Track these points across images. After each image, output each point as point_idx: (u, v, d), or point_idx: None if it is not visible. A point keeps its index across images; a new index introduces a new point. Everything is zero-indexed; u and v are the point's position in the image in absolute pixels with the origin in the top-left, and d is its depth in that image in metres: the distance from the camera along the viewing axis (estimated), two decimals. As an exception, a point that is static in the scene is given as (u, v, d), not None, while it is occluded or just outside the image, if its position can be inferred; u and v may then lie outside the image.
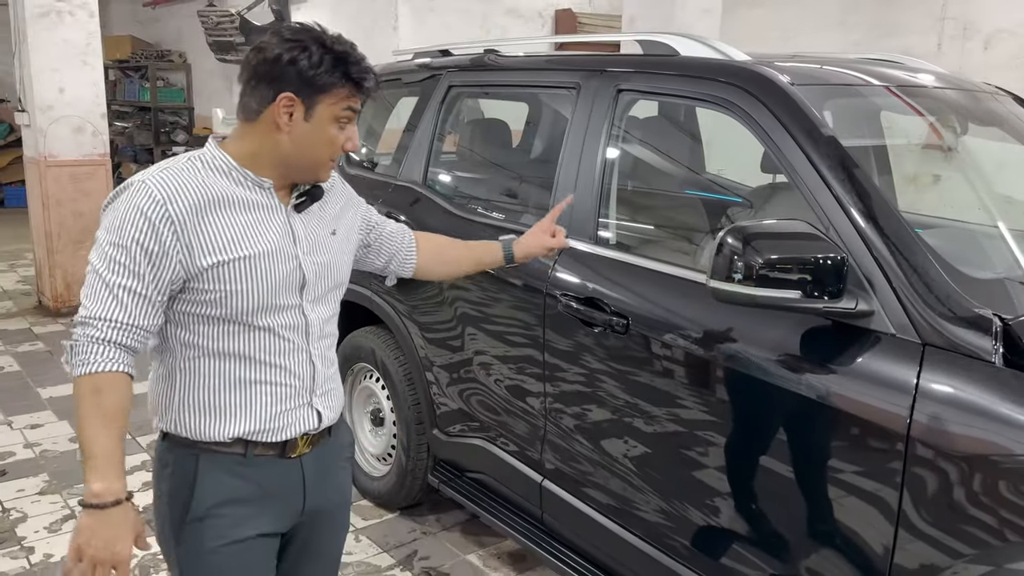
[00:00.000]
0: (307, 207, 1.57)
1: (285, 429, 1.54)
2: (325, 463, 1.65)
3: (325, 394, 1.61)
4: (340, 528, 1.76)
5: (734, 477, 1.98)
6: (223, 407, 1.50)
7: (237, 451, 1.51)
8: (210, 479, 1.50)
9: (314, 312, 1.57)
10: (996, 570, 1.54)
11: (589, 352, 2.25)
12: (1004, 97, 2.60)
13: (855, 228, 1.79)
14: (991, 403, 1.54)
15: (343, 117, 1.48)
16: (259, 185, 1.50)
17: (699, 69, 2.18)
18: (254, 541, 1.55)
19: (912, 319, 1.67)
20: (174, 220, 1.41)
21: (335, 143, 1.50)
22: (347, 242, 1.69)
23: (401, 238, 1.92)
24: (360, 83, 1.47)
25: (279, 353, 1.52)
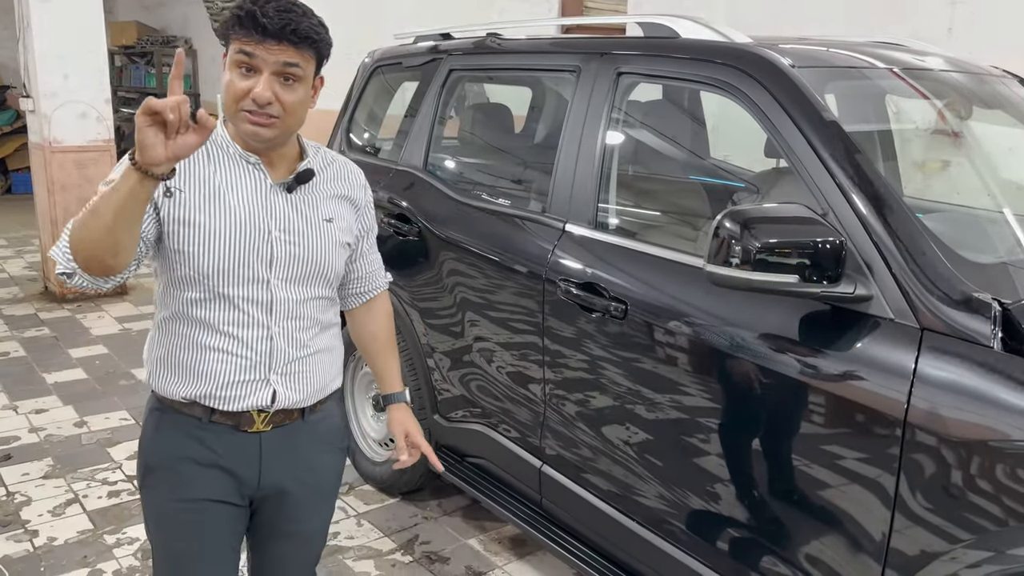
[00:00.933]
0: (296, 188, 1.58)
1: (236, 400, 1.56)
2: (294, 443, 1.64)
3: (289, 374, 1.59)
4: (313, 511, 1.73)
5: (732, 462, 1.97)
6: (180, 367, 1.56)
7: (196, 414, 1.57)
8: (168, 434, 1.59)
9: (284, 292, 1.56)
10: (997, 555, 1.53)
11: (588, 337, 2.24)
12: (1011, 80, 2.56)
13: (854, 212, 1.77)
14: (989, 388, 1.53)
15: (239, 62, 1.45)
16: (246, 160, 1.55)
17: (699, 51, 2.15)
18: (206, 504, 1.59)
19: (911, 304, 1.66)
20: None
21: (230, 88, 1.47)
22: (342, 233, 1.65)
23: (372, 277, 1.83)
24: (244, 23, 1.43)
25: (236, 324, 1.54)
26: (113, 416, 4.03)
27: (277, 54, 1.45)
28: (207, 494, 1.59)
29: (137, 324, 5.49)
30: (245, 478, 1.61)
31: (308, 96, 1.53)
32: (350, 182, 1.70)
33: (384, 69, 3.43)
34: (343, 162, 1.72)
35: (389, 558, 2.90)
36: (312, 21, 1.49)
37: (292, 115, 1.50)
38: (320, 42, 1.50)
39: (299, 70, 1.48)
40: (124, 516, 3.12)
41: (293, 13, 1.45)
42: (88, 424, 3.94)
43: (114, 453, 3.64)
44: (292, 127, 1.53)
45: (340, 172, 1.69)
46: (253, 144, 1.53)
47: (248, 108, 1.46)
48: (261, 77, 1.45)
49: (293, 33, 1.45)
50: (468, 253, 2.64)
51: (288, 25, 1.44)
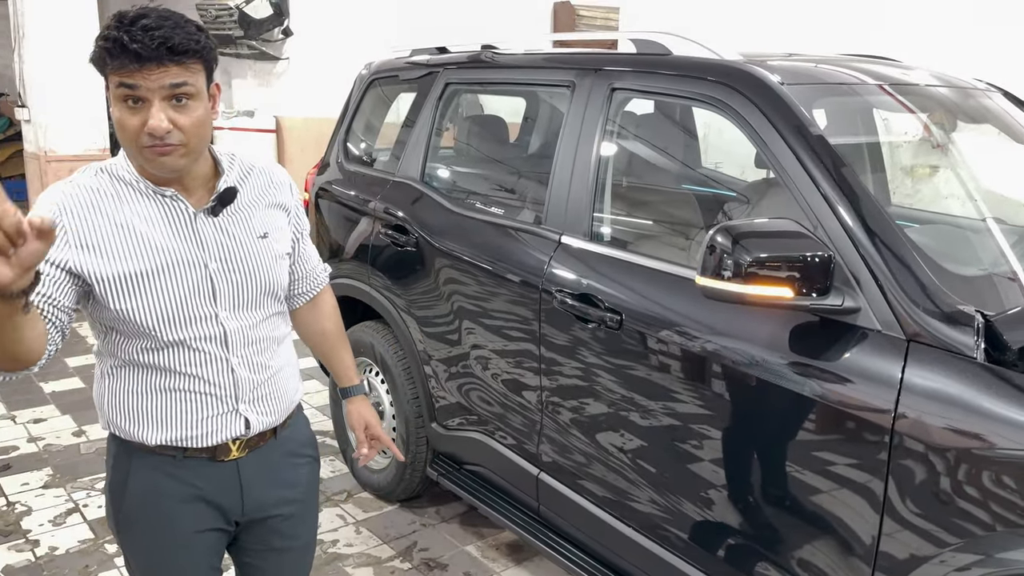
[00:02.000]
0: (219, 212, 1.49)
1: (210, 435, 1.52)
2: (270, 463, 1.62)
3: (257, 400, 1.56)
4: (301, 525, 1.72)
5: (725, 469, 2.02)
6: (146, 415, 1.49)
7: (168, 453, 1.52)
8: (143, 476, 1.53)
9: (235, 321, 1.51)
10: (986, 559, 1.58)
11: (584, 347, 2.29)
12: (994, 92, 2.62)
13: (842, 226, 1.82)
14: (972, 397, 1.58)
15: (123, 96, 1.34)
16: (161, 195, 1.46)
17: (690, 68, 2.21)
18: (192, 536, 1.56)
19: (897, 315, 1.71)
20: (68, 231, 1.39)
21: (123, 126, 1.36)
22: (280, 244, 1.59)
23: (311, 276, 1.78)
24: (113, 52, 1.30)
25: (195, 364, 1.49)
26: (111, 425, 4.05)
27: (160, 77, 1.33)
28: (192, 527, 1.56)
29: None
30: (229, 506, 1.59)
31: (207, 110, 1.42)
32: (275, 186, 1.61)
33: (381, 81, 3.47)
34: (262, 167, 1.62)
35: (388, 565, 2.93)
36: (188, 30, 1.35)
37: (196, 136, 1.40)
38: (203, 50, 1.38)
39: (190, 87, 1.36)
40: (125, 525, 3.15)
41: (164, 28, 1.32)
42: (87, 433, 3.96)
43: (113, 462, 3.67)
44: (200, 147, 1.44)
45: (262, 178, 1.60)
46: (165, 176, 1.44)
47: (147, 143, 1.36)
48: (151, 107, 1.34)
49: (171, 51, 1.32)
50: (466, 264, 2.69)
51: (163, 43, 1.31)
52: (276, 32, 8.63)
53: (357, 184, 3.35)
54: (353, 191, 3.33)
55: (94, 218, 1.42)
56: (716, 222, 2.56)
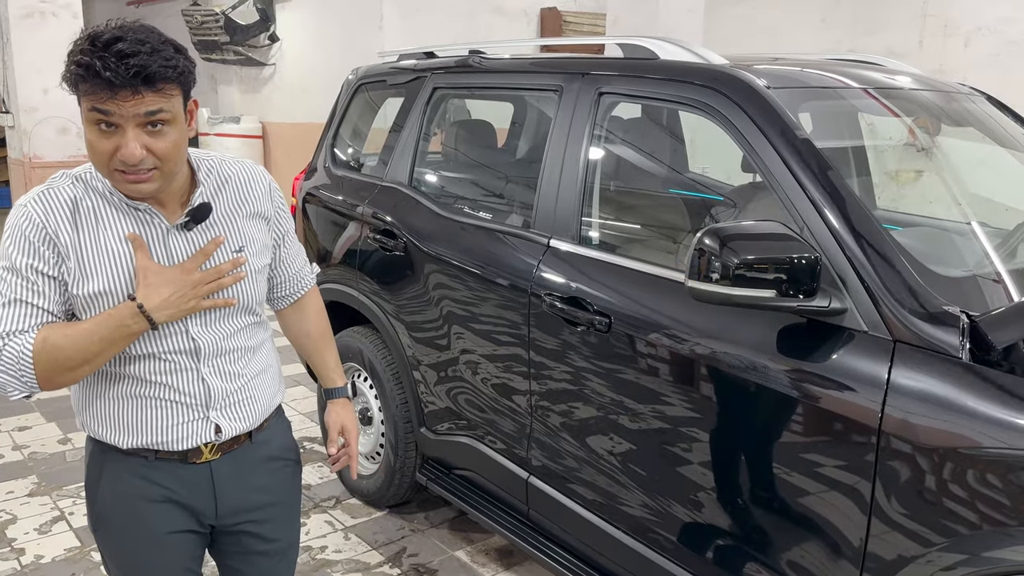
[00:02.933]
0: (192, 227, 1.47)
1: (180, 441, 1.52)
2: (245, 466, 1.61)
3: (229, 406, 1.55)
4: (280, 528, 1.71)
5: (714, 472, 2.02)
6: (117, 420, 1.50)
7: (141, 455, 1.52)
8: (115, 478, 1.54)
9: (207, 335, 1.50)
10: (972, 558, 1.59)
11: (573, 351, 2.29)
12: (978, 97, 2.65)
13: (828, 228, 1.84)
14: (958, 397, 1.59)
15: (95, 120, 1.30)
16: (135, 208, 1.44)
17: (677, 72, 2.22)
18: (164, 537, 1.56)
19: (883, 316, 1.72)
20: (55, 243, 1.40)
21: (94, 150, 1.33)
22: (257, 258, 1.56)
23: (297, 279, 1.77)
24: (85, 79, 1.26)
25: (164, 373, 1.48)
26: (97, 432, 4.02)
27: (135, 106, 1.28)
28: (165, 528, 1.56)
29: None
30: (202, 509, 1.58)
31: (184, 132, 1.39)
32: (255, 195, 1.57)
33: (368, 86, 3.47)
34: (240, 173, 1.57)
35: (377, 571, 2.92)
36: (165, 55, 1.30)
37: (171, 160, 1.37)
38: (182, 74, 1.34)
39: (166, 114, 1.32)
40: (111, 533, 3.12)
41: (140, 55, 1.26)
42: (72, 441, 3.93)
43: (99, 470, 3.64)
44: (174, 170, 1.40)
45: (241, 187, 1.56)
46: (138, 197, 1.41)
47: (118, 167, 1.33)
48: (125, 133, 1.30)
49: (146, 81, 1.27)
50: (455, 268, 2.69)
51: (139, 73, 1.26)
52: (262, 38, 8.63)
53: (345, 189, 3.34)
54: (341, 196, 3.33)
55: (73, 230, 1.41)
56: (703, 226, 2.58)
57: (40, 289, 1.40)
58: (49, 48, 5.72)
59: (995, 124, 2.54)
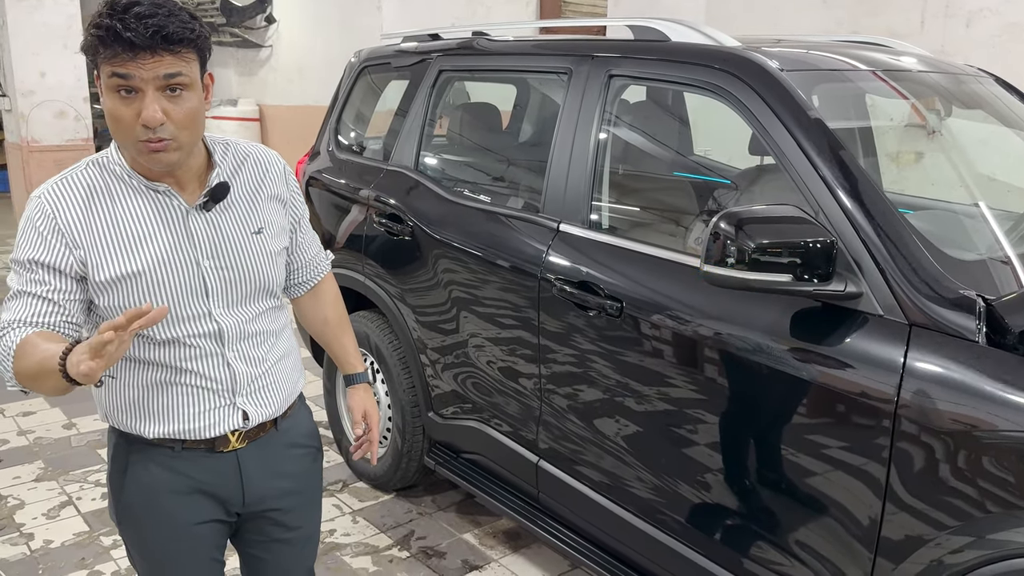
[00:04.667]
0: (212, 207, 1.48)
1: (208, 428, 1.51)
2: (271, 454, 1.62)
3: (254, 392, 1.55)
4: (303, 516, 1.72)
5: (727, 455, 2.03)
6: (144, 409, 1.49)
7: (166, 445, 1.52)
8: (141, 469, 1.53)
9: (229, 318, 1.50)
10: (978, 540, 1.60)
11: (584, 335, 2.29)
12: (986, 79, 2.64)
13: (843, 212, 1.83)
14: (975, 381, 1.59)
15: (116, 87, 1.31)
16: (154, 190, 1.44)
17: (689, 55, 2.20)
18: (191, 528, 1.56)
19: (899, 300, 1.72)
20: (63, 232, 1.39)
21: (115, 117, 1.34)
22: (275, 240, 1.57)
23: (312, 265, 1.77)
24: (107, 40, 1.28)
25: (190, 359, 1.48)
26: (102, 417, 4.02)
27: (154, 67, 1.30)
28: (192, 519, 1.56)
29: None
30: (229, 497, 1.59)
31: (202, 100, 1.40)
32: (271, 178, 1.58)
33: (372, 69, 3.45)
34: (257, 155, 1.58)
35: (386, 554, 2.94)
36: (182, 18, 1.32)
37: (190, 128, 1.36)
38: (198, 39, 1.36)
39: (184, 78, 1.33)
40: (119, 517, 3.13)
41: (158, 16, 1.28)
42: (77, 426, 3.94)
43: (105, 455, 3.63)
44: (194, 140, 1.40)
45: (257, 170, 1.56)
46: (158, 171, 1.42)
47: (143, 137, 1.34)
48: (145, 97, 1.31)
49: (166, 39, 1.29)
50: (463, 253, 2.68)
51: (158, 31, 1.28)
52: (259, 20, 8.55)
53: (349, 173, 3.32)
54: (345, 180, 3.31)
55: (87, 218, 1.41)
56: (708, 209, 2.58)
57: (41, 279, 1.40)
58: (46, 31, 5.68)
59: (1003, 106, 2.53)
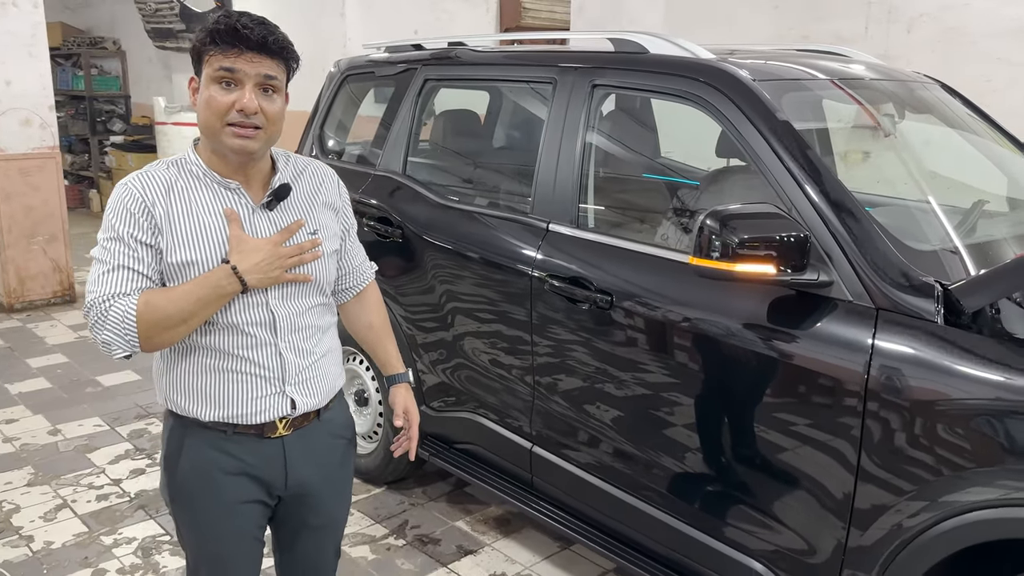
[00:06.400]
0: (275, 206, 1.65)
1: (259, 414, 1.65)
2: (313, 442, 1.74)
3: (302, 383, 1.68)
4: (336, 503, 1.85)
5: (712, 433, 2.21)
6: (201, 393, 1.64)
7: (220, 429, 1.65)
8: (195, 450, 1.66)
9: (284, 308, 1.64)
10: (932, 503, 1.79)
11: (576, 327, 2.46)
12: (933, 85, 2.88)
13: (815, 209, 2.03)
14: (934, 357, 1.80)
15: (220, 78, 1.52)
16: (226, 187, 1.61)
17: (669, 66, 2.38)
18: (237, 507, 1.69)
19: (866, 287, 1.92)
20: (152, 215, 1.56)
21: (212, 104, 1.53)
22: (328, 243, 1.72)
23: (359, 272, 1.92)
24: (221, 39, 1.50)
25: (246, 347, 1.62)
26: (87, 423, 4.07)
27: (258, 66, 1.52)
28: (239, 497, 1.69)
29: (93, 331, 5.47)
30: (273, 481, 1.71)
31: (284, 107, 1.60)
32: (326, 187, 1.76)
33: (354, 78, 3.57)
34: (315, 167, 1.76)
35: (383, 542, 3.06)
36: (282, 33, 1.57)
37: (274, 125, 1.57)
38: (292, 54, 1.59)
39: (277, 82, 1.56)
40: (117, 517, 3.20)
41: (269, 26, 1.54)
42: (62, 432, 3.97)
43: (95, 458, 3.70)
44: (274, 138, 1.60)
45: (314, 179, 1.74)
46: (237, 159, 1.59)
47: (234, 121, 1.53)
48: (244, 89, 1.52)
49: (273, 44, 1.53)
50: (455, 253, 2.82)
51: (267, 36, 1.52)
52: (219, 25, 8.55)
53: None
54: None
55: (168, 206, 1.58)
56: (676, 208, 2.77)
57: (140, 256, 1.56)
58: (11, 39, 5.64)
59: (949, 110, 2.77)
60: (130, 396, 4.39)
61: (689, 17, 7.41)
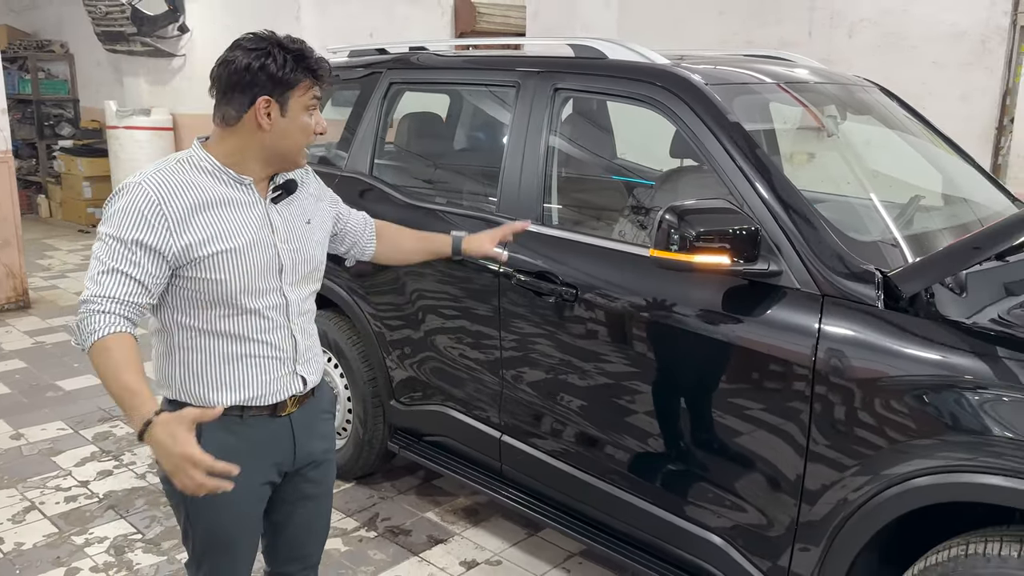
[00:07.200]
0: (283, 199, 1.80)
1: (275, 394, 1.80)
2: (310, 418, 1.90)
3: (307, 361, 1.86)
4: (328, 472, 2.00)
5: (674, 419, 2.35)
6: (220, 380, 1.75)
7: (234, 413, 1.75)
8: (210, 436, 1.70)
9: (293, 293, 1.80)
10: (874, 476, 1.94)
11: (543, 319, 2.57)
12: (872, 88, 3.06)
13: (764, 204, 2.17)
14: (876, 339, 1.95)
15: (310, 106, 1.72)
16: (240, 183, 1.74)
17: (626, 71, 2.52)
18: (249, 490, 1.79)
19: (813, 276, 2.07)
20: (168, 217, 1.64)
21: (308, 130, 1.74)
22: (320, 230, 1.91)
23: (363, 228, 2.18)
24: (318, 74, 1.73)
25: (264, 331, 1.76)
26: (50, 427, 4.06)
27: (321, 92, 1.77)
28: (252, 481, 1.78)
29: (50, 337, 5.43)
30: (283, 458, 1.86)
31: None
32: (308, 179, 1.94)
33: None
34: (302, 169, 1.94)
35: (355, 535, 3.14)
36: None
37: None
38: None
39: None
40: (87, 518, 3.22)
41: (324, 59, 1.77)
42: (25, 436, 3.96)
43: (60, 461, 3.70)
44: None
45: (306, 175, 1.93)
46: (294, 168, 1.80)
47: (310, 142, 1.76)
48: (316, 115, 1.75)
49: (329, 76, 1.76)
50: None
51: (329, 71, 1.76)
52: (171, 29, 8.49)
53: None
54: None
55: (188, 203, 1.66)
56: (633, 205, 2.90)
57: (138, 261, 1.62)
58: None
59: (888, 112, 2.96)
60: (92, 399, 4.38)
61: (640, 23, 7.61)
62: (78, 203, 9.29)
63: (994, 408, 1.77)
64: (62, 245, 8.37)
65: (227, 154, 1.72)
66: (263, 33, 1.72)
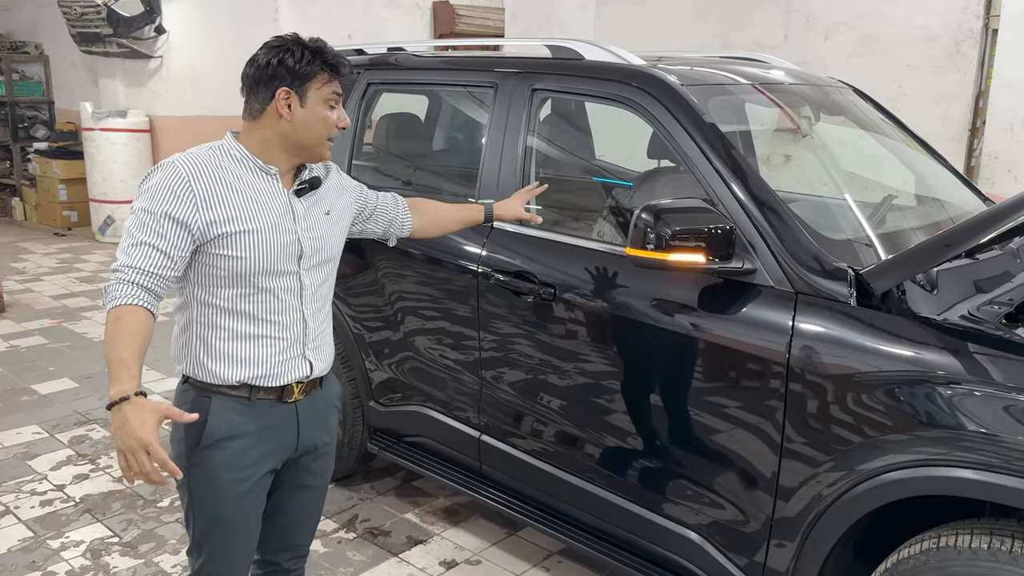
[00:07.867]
0: (306, 194, 1.89)
1: (282, 376, 1.86)
2: (317, 408, 1.97)
3: (317, 347, 1.93)
4: (327, 465, 2.06)
5: (651, 417, 2.36)
6: (231, 356, 1.82)
7: (243, 394, 1.84)
8: (220, 415, 1.82)
9: (309, 278, 1.89)
10: (847, 472, 1.96)
11: (522, 319, 2.58)
12: (846, 89, 3.10)
13: (739, 203, 2.20)
14: (848, 335, 1.97)
15: (330, 100, 1.82)
16: (265, 172, 1.84)
17: (603, 72, 2.53)
18: (253, 474, 1.86)
19: (787, 274, 2.09)
20: (196, 193, 1.74)
21: (328, 122, 1.83)
22: (339, 222, 2.00)
23: (396, 207, 2.28)
24: (336, 68, 1.83)
25: (277, 312, 1.84)
26: (25, 431, 4.01)
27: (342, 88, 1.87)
28: (256, 464, 1.85)
29: (25, 340, 5.37)
30: (286, 444, 1.91)
31: None
32: (332, 173, 2.03)
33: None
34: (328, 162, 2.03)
35: (334, 536, 3.13)
36: None
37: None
38: None
39: None
40: (63, 522, 3.19)
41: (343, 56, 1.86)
42: (0, 441, 3.91)
43: (36, 465, 3.66)
44: None
45: (331, 171, 2.04)
46: (318, 161, 1.89)
47: (332, 136, 1.85)
48: (339, 110, 1.85)
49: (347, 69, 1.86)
50: (404, 252, 2.92)
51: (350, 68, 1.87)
52: (148, 30, 8.42)
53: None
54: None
55: (216, 184, 1.77)
56: (611, 206, 2.92)
57: (166, 233, 1.72)
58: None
59: (862, 113, 3.00)
60: (68, 403, 4.34)
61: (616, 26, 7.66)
62: (53, 206, 9.20)
63: (965, 403, 1.80)
64: (37, 248, 8.28)
65: (254, 145, 1.83)
66: (287, 35, 1.84)
